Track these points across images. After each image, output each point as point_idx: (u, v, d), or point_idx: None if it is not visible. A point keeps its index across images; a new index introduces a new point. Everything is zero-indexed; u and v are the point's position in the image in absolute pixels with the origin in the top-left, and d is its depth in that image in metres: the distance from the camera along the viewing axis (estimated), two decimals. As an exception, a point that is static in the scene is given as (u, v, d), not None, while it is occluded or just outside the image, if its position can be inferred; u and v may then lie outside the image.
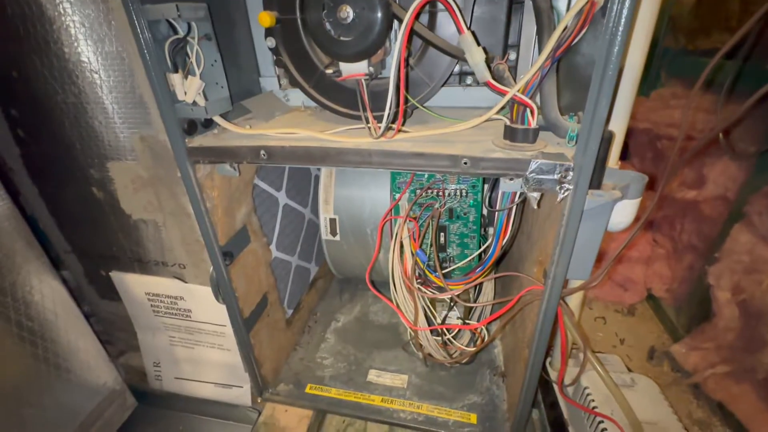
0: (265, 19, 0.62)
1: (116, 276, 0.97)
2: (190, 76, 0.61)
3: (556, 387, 0.90)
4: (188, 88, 0.61)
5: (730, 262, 1.01)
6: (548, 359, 0.97)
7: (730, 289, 1.00)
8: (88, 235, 0.94)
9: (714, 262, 1.06)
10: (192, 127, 0.67)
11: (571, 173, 0.51)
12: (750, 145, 0.99)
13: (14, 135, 0.83)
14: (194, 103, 0.62)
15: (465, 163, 0.55)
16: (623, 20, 0.41)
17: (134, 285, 0.97)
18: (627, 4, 0.41)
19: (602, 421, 0.76)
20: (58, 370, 0.87)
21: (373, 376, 1.03)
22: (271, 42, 0.69)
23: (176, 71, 0.60)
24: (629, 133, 0.65)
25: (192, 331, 1.01)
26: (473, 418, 0.91)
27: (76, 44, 0.67)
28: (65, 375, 0.89)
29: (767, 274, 0.92)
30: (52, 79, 0.72)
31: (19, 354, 0.80)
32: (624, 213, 0.57)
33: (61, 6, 0.64)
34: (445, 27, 0.63)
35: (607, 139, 0.49)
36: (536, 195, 0.56)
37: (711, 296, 1.05)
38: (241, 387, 1.03)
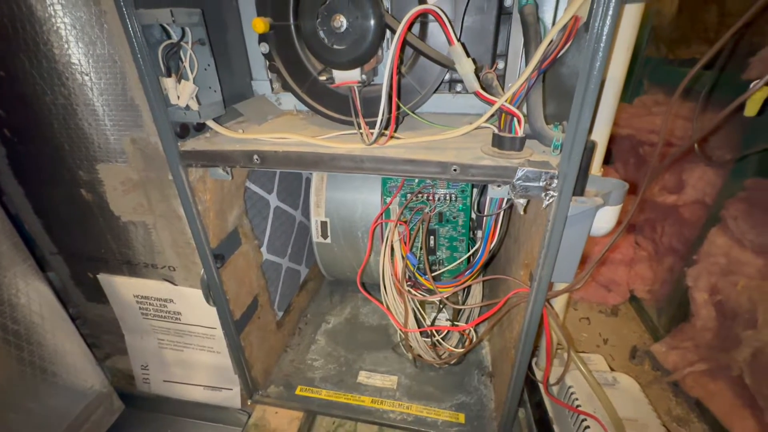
0: (258, 25, 0.63)
1: (104, 278, 0.96)
2: (183, 80, 0.61)
3: (541, 386, 0.93)
4: (181, 93, 0.61)
5: (708, 264, 1.05)
6: (534, 359, 0.99)
7: (707, 290, 1.04)
8: (75, 236, 0.93)
9: (692, 264, 1.10)
10: (184, 130, 0.67)
11: (555, 181, 0.53)
12: (726, 152, 1.04)
13: (0, 135, 0.82)
14: (187, 107, 0.62)
15: (454, 170, 0.57)
16: (604, 37, 0.44)
17: (123, 287, 0.97)
18: (608, 21, 0.43)
19: (585, 419, 0.78)
20: (44, 374, 0.86)
21: (363, 377, 1.04)
22: (265, 48, 0.69)
23: (169, 75, 0.60)
24: (613, 139, 0.68)
25: (181, 334, 1.00)
26: (461, 417, 0.93)
27: (66, 46, 0.67)
28: (51, 378, 0.87)
29: (742, 276, 0.96)
30: (41, 80, 0.71)
31: (3, 357, 0.78)
32: (606, 219, 0.60)
33: (51, 7, 0.64)
34: (436, 36, 0.65)
35: (590, 149, 0.52)
36: (523, 201, 0.58)
37: (689, 297, 1.09)
38: (231, 389, 1.03)
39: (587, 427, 0.78)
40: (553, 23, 0.65)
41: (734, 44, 0.98)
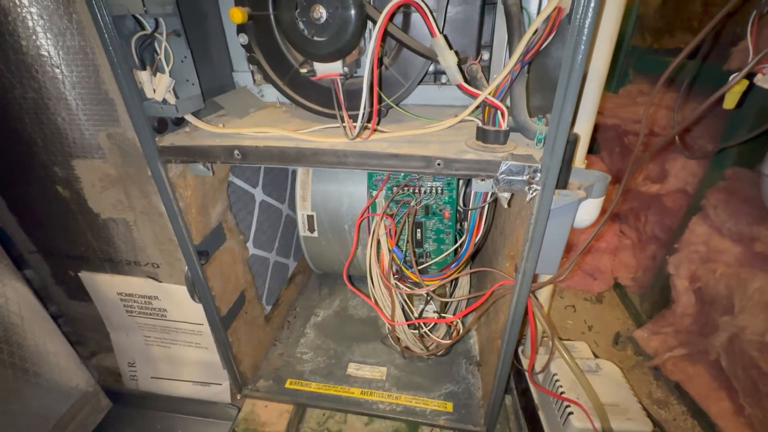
0: (236, 15, 0.61)
1: (86, 276, 0.94)
2: (159, 73, 0.59)
3: (527, 374, 0.95)
4: (157, 86, 0.59)
5: (688, 252, 1.08)
6: (521, 348, 1.01)
7: (688, 278, 1.07)
8: (54, 234, 0.91)
9: (674, 253, 1.12)
10: (162, 125, 0.65)
11: (538, 174, 0.53)
12: (708, 143, 1.05)
13: (-32, 131, 0.79)
14: (164, 101, 0.60)
15: (438, 164, 0.57)
16: (586, 29, 0.43)
17: (105, 285, 0.95)
18: (590, 13, 0.42)
19: (569, 406, 0.80)
20: (26, 375, 0.84)
21: (352, 369, 1.05)
22: (244, 38, 0.67)
23: (144, 68, 0.58)
24: (599, 128, 0.68)
25: (168, 331, 0.99)
26: (449, 406, 0.94)
27: (34, 37, 0.64)
28: (34, 379, 0.86)
29: (720, 264, 0.98)
30: (9, 73, 0.68)
31: (-18, 360, 0.77)
32: (589, 211, 0.60)
33: (16, -4, 0.61)
34: (419, 27, 0.64)
35: (572, 142, 0.51)
36: (507, 195, 0.58)
37: (671, 284, 1.12)
38: (220, 384, 1.03)
39: (571, 413, 0.80)
40: (538, 13, 0.64)
41: (716, 34, 0.99)
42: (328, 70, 0.60)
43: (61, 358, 0.92)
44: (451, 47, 0.55)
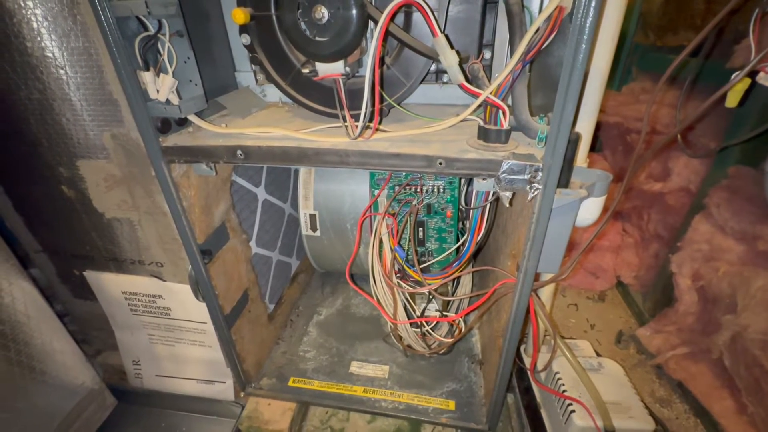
0: (239, 15, 0.61)
1: (91, 275, 0.95)
2: (162, 74, 0.59)
3: (529, 373, 0.95)
4: (160, 87, 0.60)
5: (691, 251, 1.07)
6: (523, 347, 1.01)
7: (690, 276, 1.07)
8: (59, 234, 0.91)
9: (677, 251, 1.12)
10: (166, 125, 0.65)
11: (540, 173, 0.54)
12: (710, 141, 1.05)
13: (-25, 131, 0.79)
14: (167, 101, 0.61)
15: (440, 164, 0.57)
16: (587, 29, 0.43)
17: (110, 284, 0.96)
18: (591, 13, 0.43)
19: (571, 404, 0.81)
20: (32, 373, 0.85)
21: (355, 367, 1.05)
22: (246, 39, 0.68)
23: (147, 69, 0.59)
24: (601, 126, 0.68)
25: (172, 329, 1.00)
26: (452, 404, 0.95)
27: (39, 39, 0.64)
28: (40, 377, 0.87)
29: (723, 262, 0.98)
30: (14, 74, 0.69)
31: (-10, 358, 0.78)
32: (590, 210, 0.60)
33: (21, -2, 0.62)
34: (421, 26, 0.64)
35: (573, 141, 0.52)
36: (508, 194, 0.58)
37: (673, 283, 1.12)
38: (224, 382, 1.04)
39: (573, 411, 0.80)
40: (540, 12, 0.64)
41: (719, 32, 0.98)
42: (330, 70, 0.60)
43: (67, 357, 0.93)
44: (452, 46, 0.56)
